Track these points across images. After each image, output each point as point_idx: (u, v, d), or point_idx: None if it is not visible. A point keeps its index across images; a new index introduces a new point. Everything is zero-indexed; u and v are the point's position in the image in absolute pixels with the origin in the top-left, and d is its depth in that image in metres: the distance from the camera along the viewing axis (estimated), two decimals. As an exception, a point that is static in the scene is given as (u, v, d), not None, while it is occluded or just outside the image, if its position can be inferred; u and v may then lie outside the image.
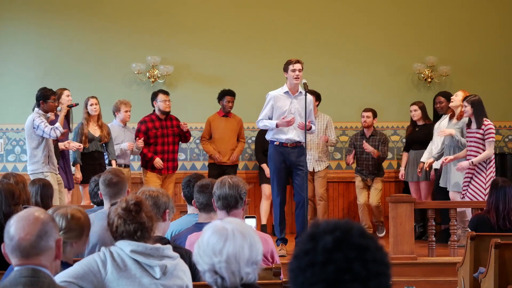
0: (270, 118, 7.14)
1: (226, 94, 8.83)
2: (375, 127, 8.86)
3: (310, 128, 7.14)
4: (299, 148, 7.12)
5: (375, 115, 8.77)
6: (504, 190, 5.60)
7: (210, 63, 9.51)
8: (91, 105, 8.08)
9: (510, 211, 5.58)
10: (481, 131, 7.12)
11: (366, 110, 8.79)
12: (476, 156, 7.15)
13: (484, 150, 7.12)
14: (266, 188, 8.71)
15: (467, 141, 7.28)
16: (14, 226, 2.47)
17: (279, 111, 7.10)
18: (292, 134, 7.08)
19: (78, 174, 7.96)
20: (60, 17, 9.49)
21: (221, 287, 2.34)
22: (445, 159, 7.51)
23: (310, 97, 7.30)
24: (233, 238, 2.35)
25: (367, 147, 8.62)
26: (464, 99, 7.39)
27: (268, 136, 7.24)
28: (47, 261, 2.50)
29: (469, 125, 7.28)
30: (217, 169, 8.67)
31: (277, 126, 7.03)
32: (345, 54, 9.59)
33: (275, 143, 7.15)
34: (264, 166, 8.70)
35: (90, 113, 8.08)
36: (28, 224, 2.48)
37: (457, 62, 9.58)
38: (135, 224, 3.03)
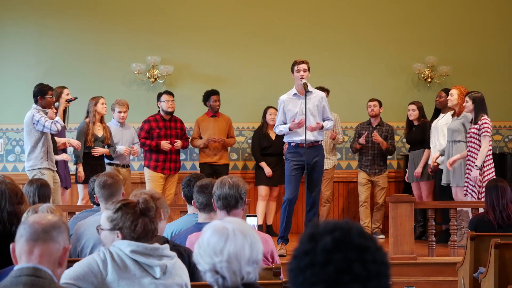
0: (285, 123, 7.19)
1: (211, 94, 8.86)
2: (381, 118, 8.86)
3: (322, 127, 7.14)
4: (315, 148, 7.14)
5: (380, 104, 8.78)
6: (496, 186, 5.72)
7: (210, 63, 9.52)
8: (102, 104, 8.07)
9: (506, 206, 5.66)
10: (477, 127, 7.16)
11: (372, 100, 8.80)
12: (473, 152, 7.16)
13: (480, 146, 7.15)
14: (262, 190, 8.71)
15: (467, 137, 7.31)
16: (34, 215, 2.63)
17: (290, 113, 7.12)
18: (307, 135, 7.07)
19: (81, 173, 7.92)
20: (60, 17, 9.49)
21: (222, 287, 2.35)
22: (451, 161, 7.44)
23: (321, 94, 7.31)
24: (234, 237, 2.36)
25: (377, 137, 8.60)
26: (466, 94, 7.40)
27: (285, 139, 7.31)
28: (50, 260, 2.51)
29: (471, 121, 7.33)
30: (209, 169, 8.70)
31: (290, 129, 7.08)
32: (345, 54, 9.60)
33: (291, 144, 7.20)
34: (263, 164, 8.71)
35: (101, 112, 8.05)
36: (46, 216, 2.61)
37: (457, 62, 9.58)
38: (143, 228, 3.03)
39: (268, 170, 8.67)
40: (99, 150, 7.97)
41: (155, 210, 3.13)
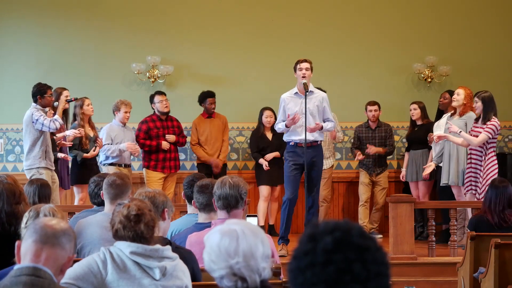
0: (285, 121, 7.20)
1: (207, 96, 8.86)
2: (379, 119, 8.86)
3: (321, 128, 7.13)
4: (314, 147, 7.13)
5: (379, 107, 8.79)
6: (495, 190, 5.72)
7: (210, 63, 9.51)
8: (88, 105, 8.07)
9: (502, 211, 5.66)
10: (484, 126, 7.14)
11: (371, 103, 8.77)
12: (476, 150, 7.15)
13: (482, 146, 7.13)
14: (264, 189, 8.69)
15: (471, 135, 7.27)
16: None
17: (290, 112, 7.11)
18: (307, 135, 7.06)
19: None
20: (60, 17, 9.49)
21: None
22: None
23: (323, 94, 7.31)
24: (245, 236, 2.37)
25: (372, 150, 8.60)
26: (475, 95, 7.39)
27: (285, 138, 7.30)
28: (54, 265, 2.53)
29: (477, 119, 7.30)
30: (206, 169, 8.70)
31: (286, 126, 7.07)
32: (345, 54, 9.59)
33: (290, 143, 7.20)
34: (261, 161, 8.68)
35: (87, 113, 8.06)
36: (57, 220, 2.65)
37: (457, 62, 9.58)
38: (134, 232, 3.02)
39: (265, 164, 8.63)
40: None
41: (151, 213, 3.11)
